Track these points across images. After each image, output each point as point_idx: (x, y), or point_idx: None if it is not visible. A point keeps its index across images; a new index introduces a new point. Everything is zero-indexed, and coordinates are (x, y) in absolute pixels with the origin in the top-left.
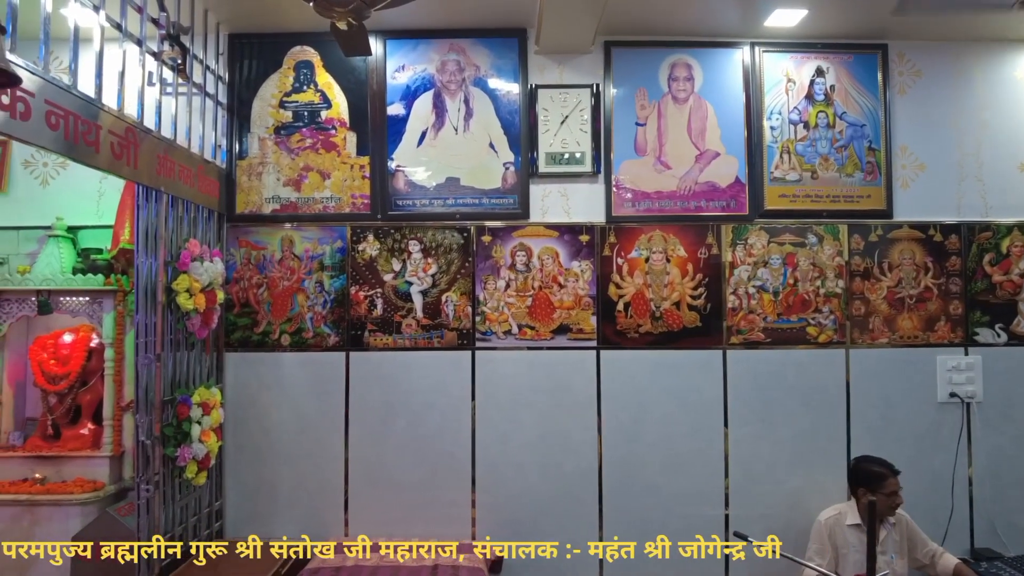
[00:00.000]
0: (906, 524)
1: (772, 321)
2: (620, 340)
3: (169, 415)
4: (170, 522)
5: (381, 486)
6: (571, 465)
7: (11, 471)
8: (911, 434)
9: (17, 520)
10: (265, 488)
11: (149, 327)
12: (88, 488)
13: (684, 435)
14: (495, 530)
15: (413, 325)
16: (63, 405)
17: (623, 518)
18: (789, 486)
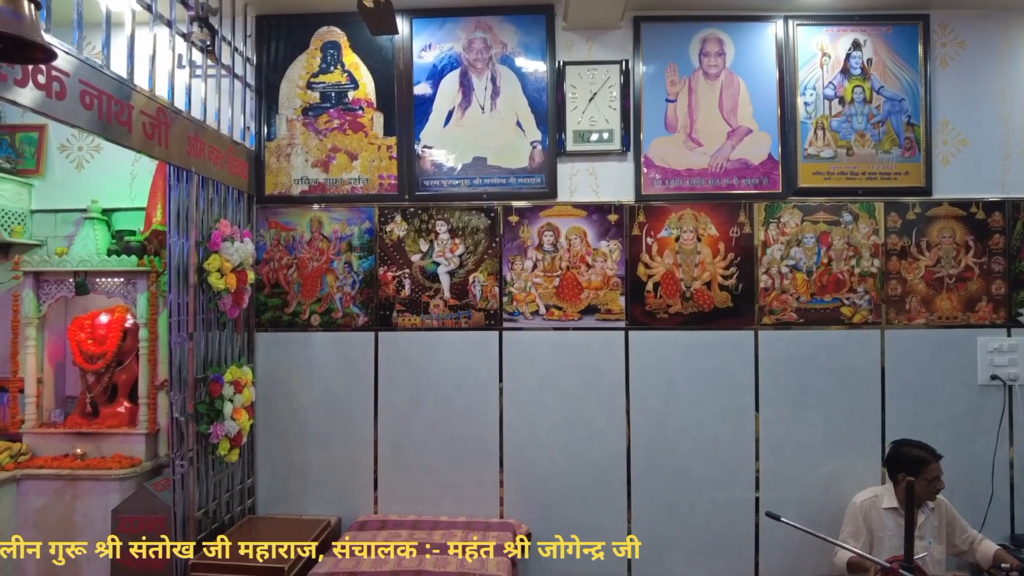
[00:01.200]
0: (945, 509)
1: (805, 301)
2: (649, 321)
3: (202, 393)
4: (204, 497)
5: (410, 466)
6: (599, 447)
7: (53, 447)
8: (949, 417)
9: (60, 493)
10: (296, 466)
11: (182, 306)
12: (126, 464)
13: (714, 417)
14: (523, 512)
15: (441, 305)
16: (100, 384)
17: (651, 500)
18: (822, 470)
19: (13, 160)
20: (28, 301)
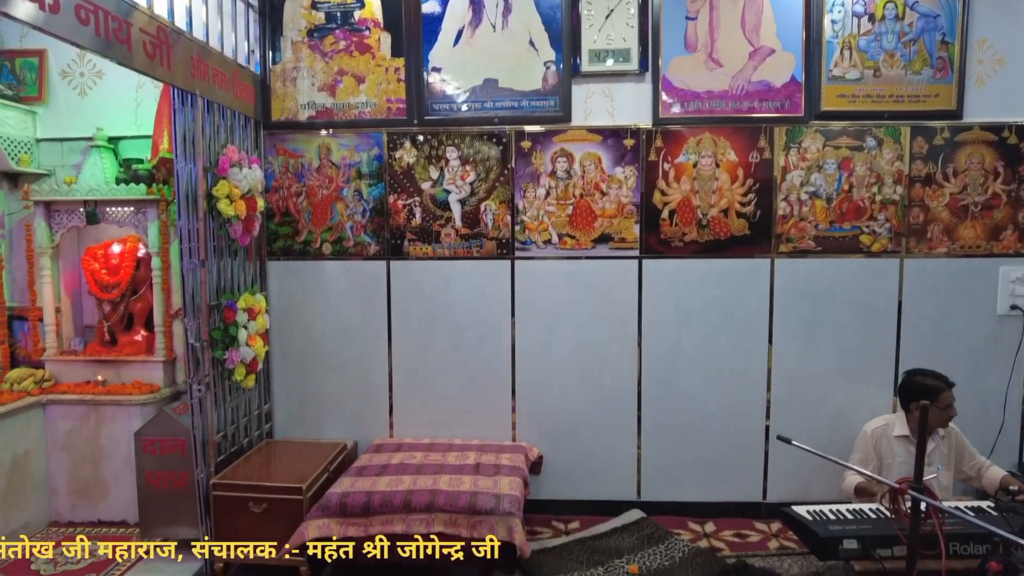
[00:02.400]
0: (955, 437)
1: (824, 229)
2: (664, 249)
3: (216, 320)
4: (222, 422)
5: (424, 392)
6: (611, 375)
7: (75, 374)
8: (965, 348)
9: (85, 418)
10: (312, 392)
11: (192, 233)
12: (145, 390)
13: (727, 346)
14: (535, 436)
15: (452, 234)
16: (117, 313)
17: (662, 426)
18: (834, 399)
19: (15, 87)
20: (40, 231)
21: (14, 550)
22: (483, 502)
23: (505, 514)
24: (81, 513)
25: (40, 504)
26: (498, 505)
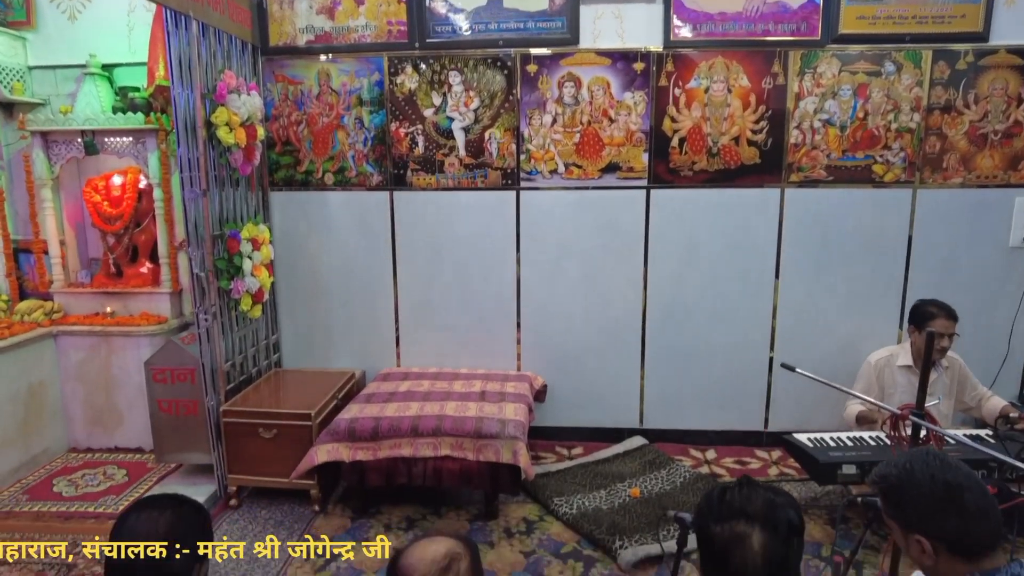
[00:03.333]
0: (958, 368)
1: (836, 158)
2: (672, 179)
3: (220, 250)
4: (230, 351)
5: (430, 324)
6: (616, 307)
7: (83, 305)
8: (974, 280)
9: (96, 348)
10: (319, 323)
11: (192, 162)
12: (153, 321)
13: (734, 279)
14: (539, 366)
15: (456, 164)
16: (121, 245)
17: (665, 357)
18: (839, 331)
19: (2, 11)
20: (39, 162)
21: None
22: (488, 427)
23: (510, 438)
24: (98, 440)
25: (58, 431)
26: (503, 429)
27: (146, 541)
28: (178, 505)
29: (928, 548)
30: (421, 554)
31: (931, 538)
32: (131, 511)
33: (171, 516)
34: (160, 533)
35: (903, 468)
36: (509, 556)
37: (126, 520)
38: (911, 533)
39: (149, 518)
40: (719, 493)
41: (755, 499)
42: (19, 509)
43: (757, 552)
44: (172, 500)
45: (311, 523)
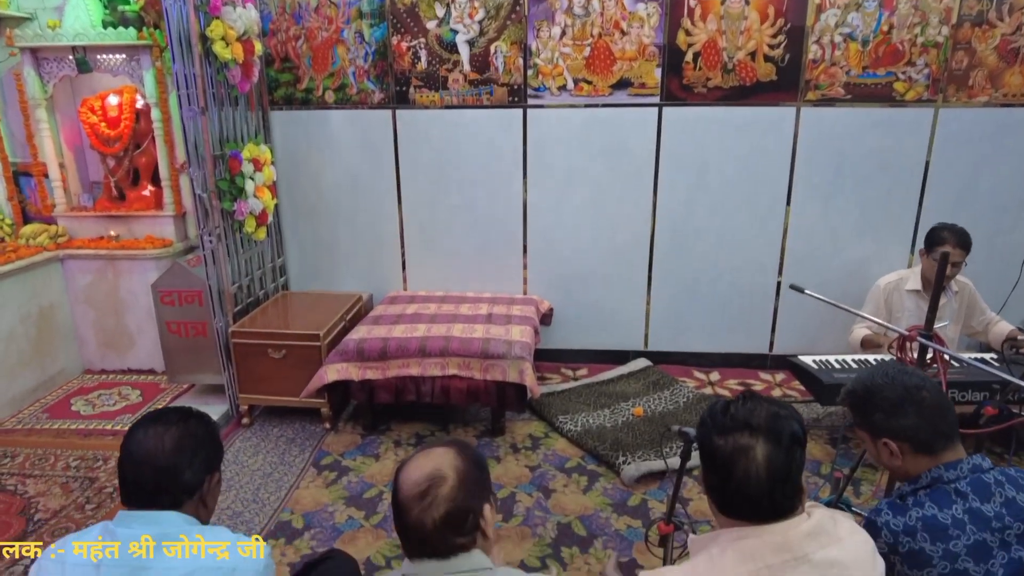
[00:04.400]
0: (968, 293)
1: (856, 75)
2: (685, 96)
3: (221, 171)
4: (236, 273)
5: (436, 248)
6: (623, 231)
7: (87, 230)
8: (992, 204)
9: (102, 272)
10: (324, 246)
11: (189, 79)
12: (159, 244)
13: (745, 200)
14: (545, 290)
15: (460, 80)
16: (122, 168)
17: (673, 282)
18: (850, 255)
19: None
20: (31, 81)
21: (56, 392)
22: (495, 347)
23: (516, 358)
24: (111, 362)
25: (72, 354)
26: (509, 350)
27: (153, 456)
28: (184, 420)
29: (895, 449)
30: (408, 473)
31: (897, 439)
32: (138, 426)
33: (177, 431)
34: (166, 448)
35: (866, 379)
36: (515, 470)
37: (134, 435)
38: (878, 438)
39: (155, 433)
40: (722, 406)
41: (759, 411)
42: (40, 427)
43: (760, 464)
44: (178, 414)
45: (322, 440)
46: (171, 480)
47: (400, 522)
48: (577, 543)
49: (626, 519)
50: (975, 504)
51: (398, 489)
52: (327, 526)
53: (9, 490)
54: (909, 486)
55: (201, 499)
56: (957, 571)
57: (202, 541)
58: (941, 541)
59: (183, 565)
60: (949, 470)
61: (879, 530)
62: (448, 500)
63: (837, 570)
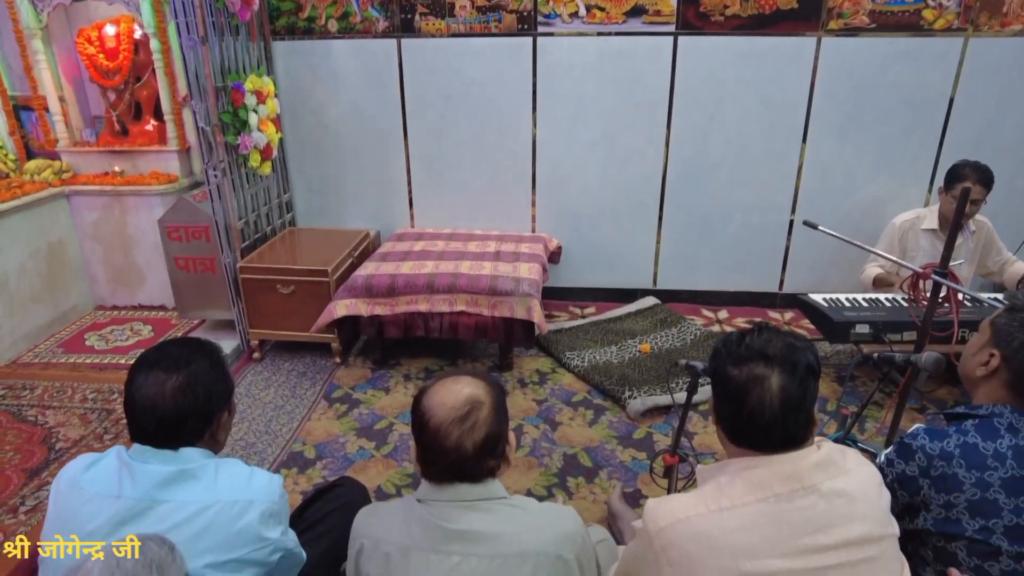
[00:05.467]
0: (986, 232)
1: (882, 2)
2: (702, 24)
3: (224, 103)
4: (243, 209)
5: (443, 184)
6: (635, 167)
7: (91, 165)
8: (1017, 142)
9: (109, 208)
10: (331, 182)
11: (187, 5)
12: (164, 180)
13: (761, 136)
14: (554, 228)
15: (467, 7)
16: (123, 101)
17: (684, 220)
18: (865, 192)
19: None
20: (25, 10)
21: (70, 328)
22: (503, 284)
23: (524, 295)
24: (122, 298)
25: (83, 290)
26: (517, 287)
27: (154, 405)
28: (187, 362)
29: (996, 364)
30: (442, 399)
31: (1005, 358)
32: (139, 368)
33: (179, 379)
34: (167, 397)
35: None
36: (522, 403)
37: (135, 379)
38: (993, 346)
39: (156, 380)
40: (737, 337)
41: (774, 342)
42: (56, 360)
43: (775, 393)
44: (183, 353)
45: (333, 374)
46: (177, 428)
47: (435, 447)
48: (583, 474)
49: (631, 451)
50: (1023, 442)
51: (431, 414)
52: (338, 456)
53: (30, 420)
54: (964, 409)
55: (212, 436)
56: (987, 500)
57: (218, 475)
58: (977, 469)
59: (200, 498)
60: (1013, 412)
61: (913, 453)
62: (487, 424)
63: (844, 500)
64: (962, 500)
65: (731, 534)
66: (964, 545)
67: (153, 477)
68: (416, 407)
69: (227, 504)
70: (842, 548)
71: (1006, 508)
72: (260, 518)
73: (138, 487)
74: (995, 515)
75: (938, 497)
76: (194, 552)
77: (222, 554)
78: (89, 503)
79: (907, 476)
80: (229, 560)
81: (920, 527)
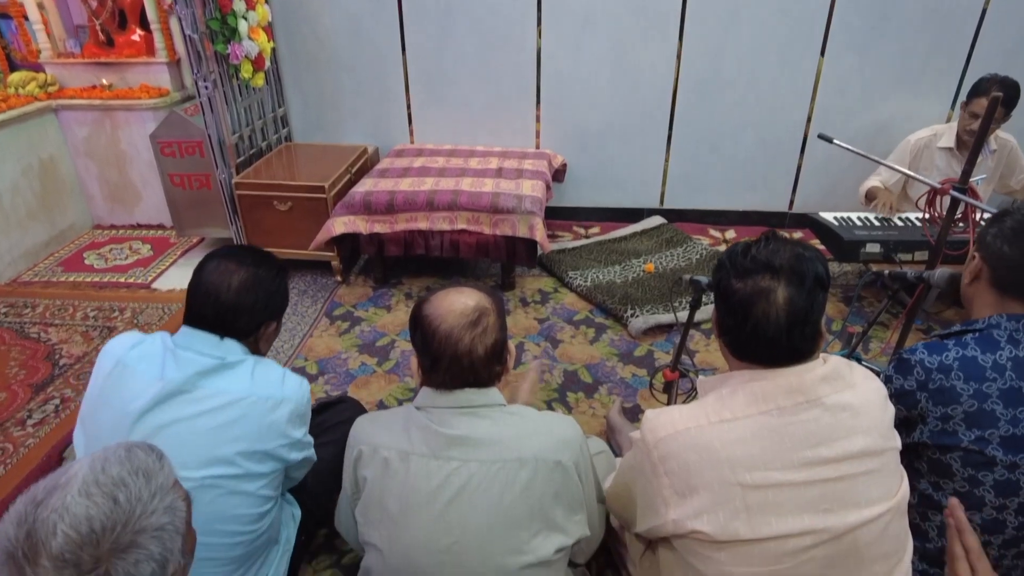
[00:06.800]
0: (1009, 151)
1: None
2: None
3: (212, 9)
4: (236, 123)
5: (444, 98)
6: (645, 82)
7: (77, 78)
8: None
9: (99, 123)
10: (327, 96)
11: None
12: (154, 94)
13: (777, 48)
14: (559, 144)
15: None
16: (105, 8)
17: (694, 136)
18: (883, 110)
19: None
20: None
21: (69, 247)
22: (505, 202)
23: (526, 213)
24: (119, 217)
25: (80, 208)
26: (519, 204)
27: (217, 291)
28: (256, 264)
29: (977, 267)
30: (450, 306)
31: (987, 260)
32: (213, 256)
33: (245, 274)
34: (232, 287)
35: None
36: (524, 322)
37: (206, 265)
38: (978, 250)
39: (225, 270)
40: (743, 247)
41: (782, 252)
42: (56, 279)
43: (781, 306)
44: (253, 257)
45: (334, 292)
46: (231, 319)
47: (447, 353)
48: (583, 389)
49: (632, 368)
50: (1023, 354)
51: (441, 321)
52: (340, 372)
53: (33, 337)
54: (961, 326)
55: (255, 342)
56: (984, 411)
57: (255, 371)
58: (975, 381)
59: (237, 389)
60: (1011, 320)
61: (912, 367)
62: (495, 330)
63: (848, 414)
64: (959, 412)
65: (731, 446)
66: (959, 456)
67: (195, 364)
68: (419, 317)
69: (261, 399)
70: (843, 461)
71: (1003, 419)
72: (288, 417)
73: (180, 371)
74: (992, 426)
75: (935, 410)
76: (227, 438)
77: (251, 444)
78: (135, 381)
79: (905, 391)
80: (256, 451)
81: (917, 440)
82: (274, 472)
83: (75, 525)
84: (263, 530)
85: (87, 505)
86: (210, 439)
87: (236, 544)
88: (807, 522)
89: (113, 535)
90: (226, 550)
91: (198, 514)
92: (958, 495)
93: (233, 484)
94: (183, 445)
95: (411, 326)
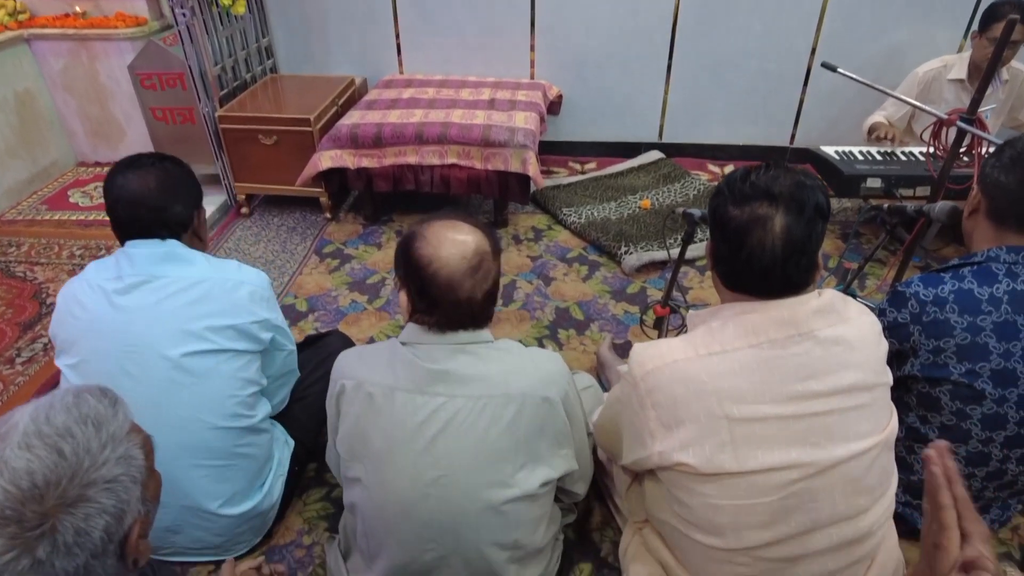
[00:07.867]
0: (1021, 82)
1: None
2: None
3: None
4: (218, 53)
5: (434, 26)
6: (645, 8)
7: (49, 6)
8: None
9: (75, 54)
10: (313, 24)
11: None
12: (131, 23)
13: None
14: (555, 74)
15: None
16: None
17: (694, 67)
18: (893, 37)
19: None
20: None
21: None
22: (497, 135)
23: (519, 147)
24: (103, 154)
25: (62, 145)
26: (512, 137)
27: (142, 196)
28: (159, 160)
29: (976, 199)
30: (450, 249)
31: (985, 192)
32: (117, 172)
33: (157, 171)
34: (152, 187)
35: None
36: (516, 260)
37: (115, 180)
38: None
39: (139, 176)
40: (743, 173)
41: (782, 179)
42: (41, 217)
43: (777, 235)
44: (151, 157)
45: (324, 229)
46: (166, 215)
47: (447, 298)
48: (574, 326)
49: (624, 305)
50: (1021, 287)
51: (441, 265)
52: (331, 309)
53: (19, 276)
54: (959, 260)
55: (194, 232)
56: (976, 344)
57: (209, 262)
58: (969, 314)
59: (196, 274)
60: (1010, 252)
61: (906, 300)
62: (494, 272)
63: (842, 347)
64: (951, 344)
65: (719, 378)
66: (948, 389)
67: (149, 257)
68: (414, 257)
69: (220, 280)
70: (833, 395)
71: (995, 352)
72: (250, 297)
73: (136, 266)
74: (983, 359)
75: (927, 343)
76: (194, 315)
77: (219, 319)
78: (92, 282)
79: (898, 323)
80: (226, 326)
81: (907, 373)
82: (250, 353)
83: (15, 480)
84: (257, 421)
85: (28, 459)
86: (178, 317)
87: (233, 443)
88: (794, 455)
89: (59, 490)
90: (224, 455)
91: (184, 404)
92: (944, 428)
93: (211, 363)
94: (153, 325)
95: (402, 263)
